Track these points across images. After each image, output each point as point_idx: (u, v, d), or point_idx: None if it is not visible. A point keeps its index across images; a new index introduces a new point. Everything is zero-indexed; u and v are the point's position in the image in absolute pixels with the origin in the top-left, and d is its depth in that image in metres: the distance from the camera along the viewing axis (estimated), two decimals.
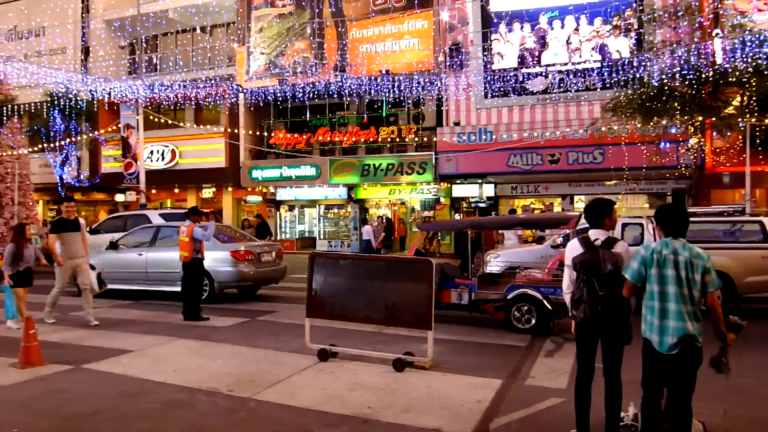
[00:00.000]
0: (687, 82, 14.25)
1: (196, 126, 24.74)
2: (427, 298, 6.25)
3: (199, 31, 26.50)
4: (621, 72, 16.43)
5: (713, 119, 14.81)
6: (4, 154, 22.37)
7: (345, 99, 22.21)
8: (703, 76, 13.99)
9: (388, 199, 24.41)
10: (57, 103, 22.72)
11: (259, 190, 25.37)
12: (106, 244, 12.35)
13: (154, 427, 4.73)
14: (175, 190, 26.51)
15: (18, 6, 27.60)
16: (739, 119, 14.23)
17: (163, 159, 25.04)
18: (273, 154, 24.11)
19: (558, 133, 19.33)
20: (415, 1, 21.06)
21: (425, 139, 22.17)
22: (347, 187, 23.76)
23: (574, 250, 4.30)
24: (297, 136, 23.89)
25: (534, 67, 19.99)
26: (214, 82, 22.18)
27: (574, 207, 20.79)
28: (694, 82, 14.12)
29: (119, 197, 25.82)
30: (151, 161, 24.62)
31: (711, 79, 14.13)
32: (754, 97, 14.12)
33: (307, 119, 24.26)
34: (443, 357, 6.85)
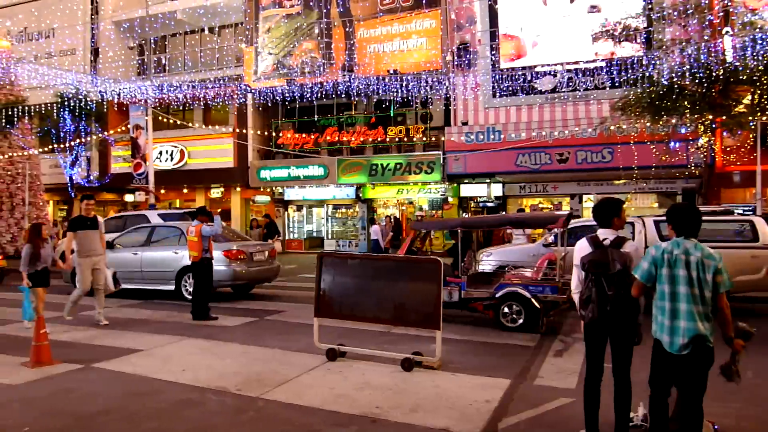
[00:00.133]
0: (697, 81, 14.14)
1: (204, 126, 24.87)
2: (435, 297, 6.24)
3: (208, 32, 26.60)
4: (630, 70, 16.31)
5: (723, 118, 14.69)
6: (15, 154, 22.58)
7: (353, 99, 22.21)
8: (714, 75, 13.87)
9: (396, 198, 24.39)
10: (67, 104, 22.91)
11: (268, 190, 25.43)
12: None
13: (163, 426, 4.76)
14: (184, 191, 26.62)
15: (28, 8, 27.81)
16: (750, 118, 14.10)
17: (172, 159, 25.16)
18: (281, 154, 24.15)
19: (567, 132, 19.24)
20: (422, 1, 21.04)
21: (433, 138, 22.13)
22: (355, 186, 23.76)
23: (582, 249, 4.28)
24: (305, 136, 23.91)
25: (542, 65, 19.90)
26: (222, 82, 22.23)
27: (582, 206, 20.70)
28: (704, 80, 14.01)
29: (128, 197, 26.03)
30: (160, 161, 24.73)
31: (721, 77, 14.00)
32: (765, 96, 13.97)
33: (315, 119, 24.26)
34: (451, 357, 6.84)
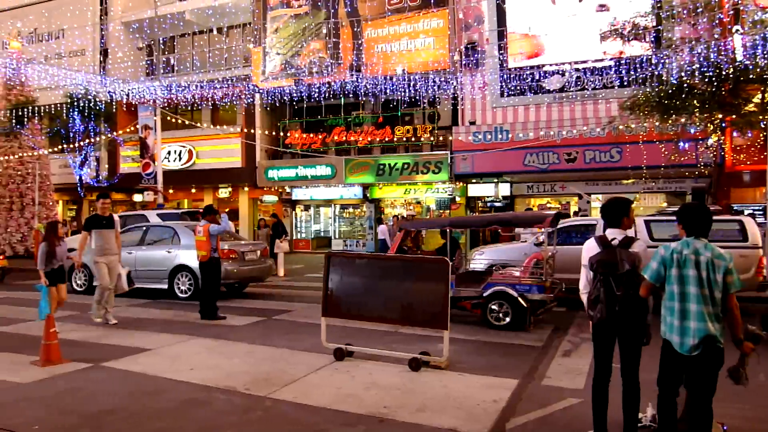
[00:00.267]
0: (706, 80, 14.04)
1: (212, 126, 24.95)
2: (442, 297, 6.24)
3: (216, 32, 26.67)
4: (639, 69, 16.22)
5: (733, 117, 14.59)
6: (25, 154, 22.79)
7: (360, 99, 22.19)
8: (723, 74, 13.78)
9: (403, 198, 24.38)
10: (76, 104, 23.04)
11: (276, 189, 25.48)
12: None
13: (171, 425, 4.77)
14: (192, 190, 26.72)
15: (39, 9, 28.00)
16: (760, 117, 14.00)
17: (180, 159, 25.26)
18: (289, 154, 24.19)
19: (575, 131, 19.16)
20: (430, 0, 21.01)
21: (441, 138, 22.08)
22: (362, 186, 23.77)
23: (591, 249, 4.26)
24: (312, 135, 23.93)
25: (551, 65, 19.84)
26: (230, 82, 22.30)
27: (591, 206, 20.61)
28: (713, 79, 13.92)
29: (137, 197, 26.15)
30: (168, 161, 24.84)
31: (731, 76, 13.90)
32: None
33: (323, 119, 24.29)
34: (459, 357, 6.83)
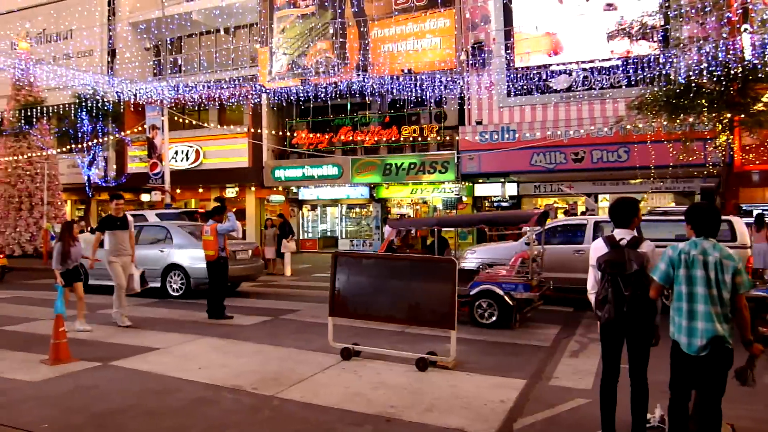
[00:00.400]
0: (715, 79, 13.97)
1: (219, 126, 25.00)
2: (450, 297, 6.23)
3: (223, 33, 26.75)
4: (647, 69, 16.15)
5: (742, 116, 14.50)
6: (34, 154, 22.95)
7: (367, 98, 22.21)
8: (732, 73, 13.70)
9: (410, 198, 24.38)
10: (84, 104, 23.17)
11: (282, 189, 25.53)
12: None
13: (179, 424, 4.79)
14: (200, 190, 26.81)
15: (47, 10, 28.16)
16: None
17: (187, 159, 25.34)
18: (295, 154, 24.23)
19: (582, 131, 19.10)
20: (437, 0, 21.00)
21: (447, 138, 22.06)
22: (369, 186, 23.79)
23: (598, 249, 4.25)
24: (319, 135, 23.96)
25: (558, 64, 19.78)
26: (237, 82, 22.37)
27: (598, 206, 20.54)
28: (722, 78, 13.84)
29: (145, 197, 26.24)
30: (175, 161, 24.92)
31: (740, 75, 13.82)
32: None
33: (330, 119, 24.31)
34: (466, 357, 6.82)
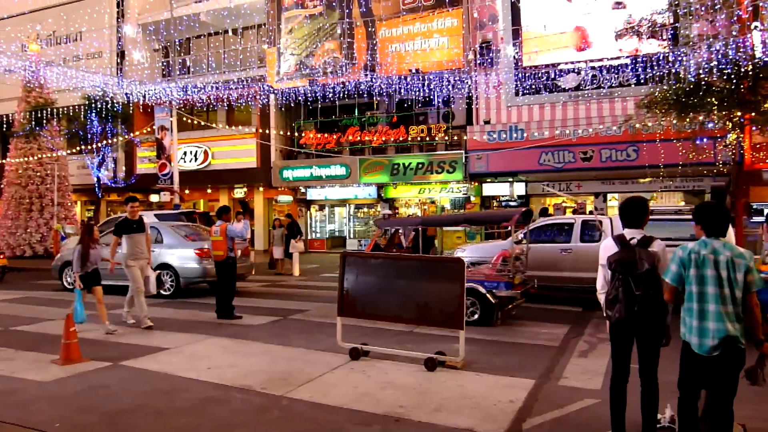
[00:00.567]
0: (725, 77, 13.87)
1: (228, 127, 25.12)
2: (458, 297, 6.22)
3: (231, 33, 26.84)
4: (656, 67, 16.06)
5: (752, 114, 14.39)
6: (44, 156, 23.11)
7: (375, 98, 22.21)
8: (742, 71, 13.60)
9: (418, 198, 24.36)
10: (94, 106, 23.31)
11: (290, 189, 25.58)
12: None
13: (189, 423, 4.82)
14: (208, 191, 26.93)
15: (57, 12, 28.34)
16: None
17: (196, 160, 25.45)
18: (303, 154, 24.27)
19: (590, 130, 19.01)
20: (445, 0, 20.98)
21: (455, 137, 22.03)
22: (377, 186, 23.79)
23: (609, 248, 4.23)
24: (327, 135, 23.97)
25: (566, 63, 19.70)
26: (245, 83, 22.43)
27: (607, 205, 20.45)
28: (732, 76, 13.74)
29: (154, 198, 26.39)
30: (184, 162, 25.04)
31: (750, 73, 13.71)
32: None
33: (337, 119, 24.33)
34: (475, 356, 6.81)
